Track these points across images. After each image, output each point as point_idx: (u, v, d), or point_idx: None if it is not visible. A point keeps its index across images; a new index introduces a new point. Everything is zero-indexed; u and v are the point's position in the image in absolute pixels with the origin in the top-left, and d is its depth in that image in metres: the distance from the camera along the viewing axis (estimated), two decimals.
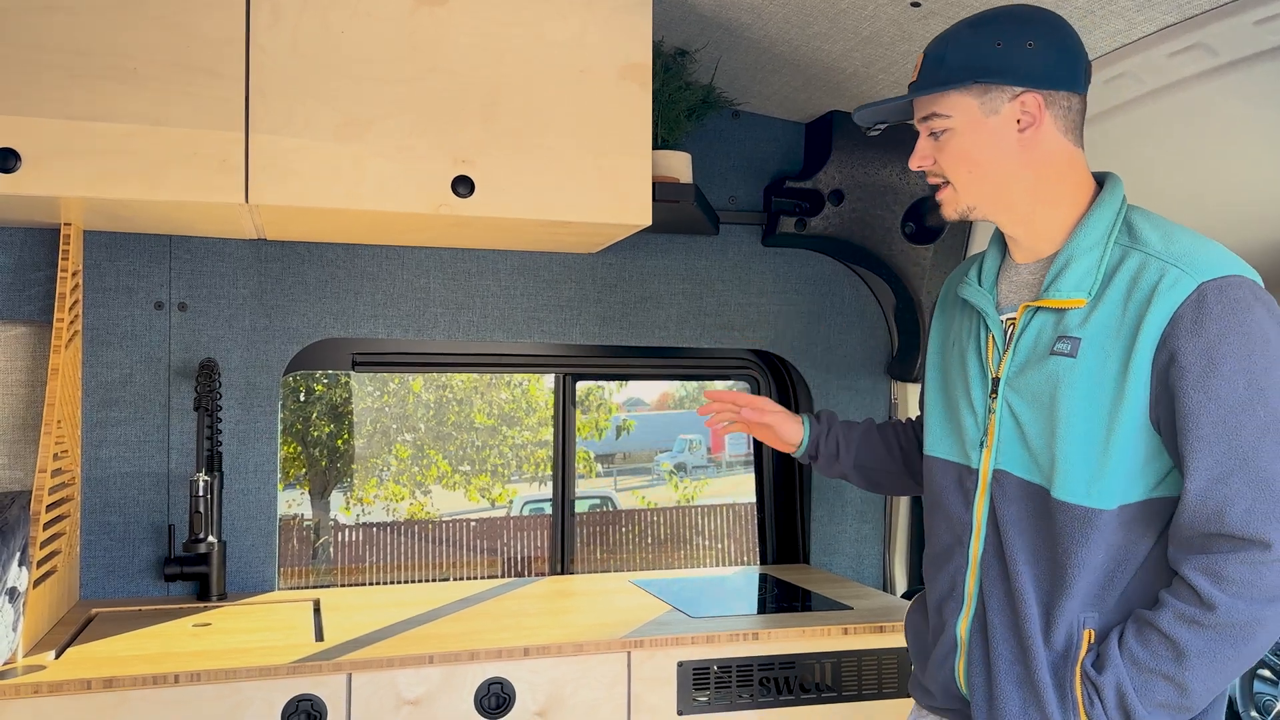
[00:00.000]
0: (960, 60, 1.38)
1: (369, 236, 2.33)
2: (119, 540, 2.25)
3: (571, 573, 2.70)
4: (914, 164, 1.47)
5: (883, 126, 1.56)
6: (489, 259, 2.51)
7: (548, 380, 2.73)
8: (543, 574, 2.72)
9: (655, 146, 2.28)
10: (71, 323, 2.06)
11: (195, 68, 1.87)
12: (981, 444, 1.45)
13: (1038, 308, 1.40)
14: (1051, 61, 1.37)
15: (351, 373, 2.60)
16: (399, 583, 2.62)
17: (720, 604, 2.24)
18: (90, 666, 1.71)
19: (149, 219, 2.09)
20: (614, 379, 2.86)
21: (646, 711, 1.93)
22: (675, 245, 2.65)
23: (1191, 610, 1.25)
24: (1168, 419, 1.29)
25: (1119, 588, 1.34)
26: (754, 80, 2.50)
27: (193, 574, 2.21)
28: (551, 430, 2.71)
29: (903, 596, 2.67)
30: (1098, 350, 1.32)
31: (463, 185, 1.99)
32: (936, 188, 1.47)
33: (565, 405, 2.71)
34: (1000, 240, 1.52)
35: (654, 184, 2.17)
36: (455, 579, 2.72)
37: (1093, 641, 1.34)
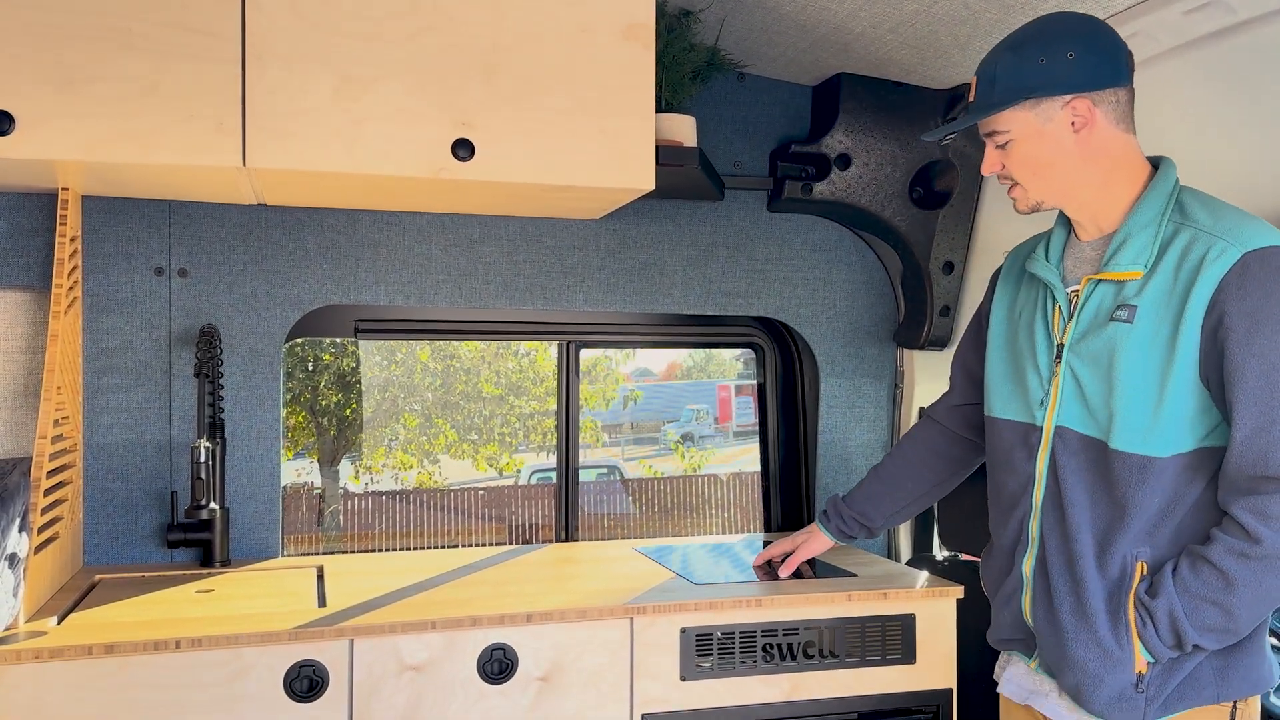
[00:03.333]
0: (1009, 82, 1.54)
1: (369, 202, 2.30)
2: (122, 507, 2.25)
3: (576, 540, 2.70)
4: (986, 171, 1.63)
5: (952, 137, 1.79)
6: (491, 225, 2.49)
7: (554, 350, 2.71)
8: (550, 541, 2.72)
9: (659, 109, 2.25)
10: (70, 289, 2.05)
11: (191, 28, 1.84)
12: (1044, 403, 1.61)
13: (1099, 280, 1.55)
14: (1092, 66, 1.51)
15: (358, 343, 2.59)
16: (409, 550, 2.62)
17: (724, 571, 2.24)
18: (92, 632, 1.71)
19: (146, 183, 2.07)
20: (617, 346, 2.83)
21: (649, 678, 1.93)
22: (679, 211, 2.62)
23: (1240, 544, 1.41)
24: (1216, 376, 1.44)
25: (1170, 526, 1.49)
26: (760, 42, 2.45)
27: (196, 540, 2.21)
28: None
29: (907, 564, 2.66)
30: (1152, 316, 1.48)
31: (463, 148, 1.96)
32: (1010, 187, 1.63)
33: (569, 373, 2.69)
34: (1065, 221, 1.67)
35: (657, 148, 2.14)
36: (464, 546, 2.72)
37: (1145, 572, 1.49)
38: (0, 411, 2.19)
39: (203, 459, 2.14)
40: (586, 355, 2.75)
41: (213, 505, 2.19)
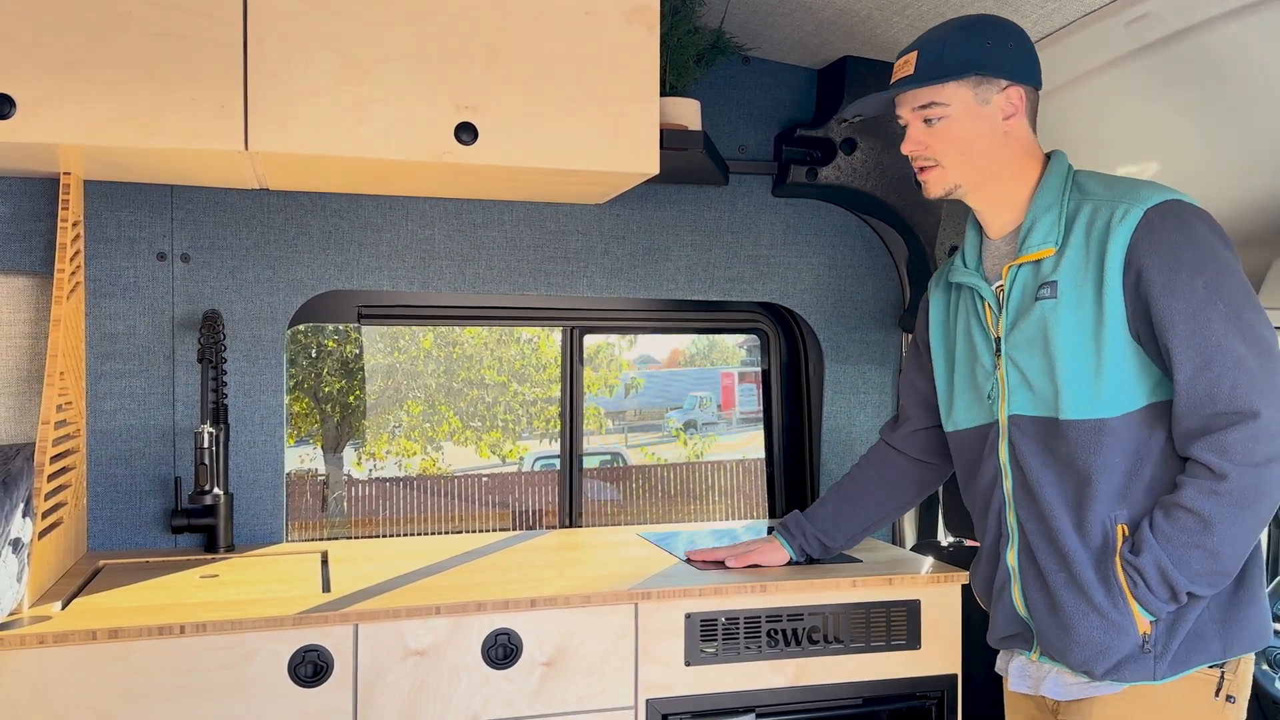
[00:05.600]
0: (959, 56, 1.60)
1: (372, 186, 2.29)
2: (126, 492, 2.25)
3: (580, 526, 2.69)
4: (907, 150, 1.67)
5: (860, 118, 1.81)
6: (494, 210, 2.48)
7: (557, 337, 2.70)
8: (554, 527, 2.72)
9: (663, 93, 2.23)
10: (73, 274, 2.04)
11: (192, 10, 1.83)
12: (994, 398, 1.66)
13: (1018, 266, 1.61)
14: (1026, 61, 1.63)
15: (361, 329, 2.58)
16: (413, 536, 2.62)
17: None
18: (96, 617, 1.71)
19: (148, 167, 2.06)
20: (621, 332, 2.83)
21: (654, 663, 1.93)
22: (684, 196, 2.60)
23: (1208, 483, 1.44)
24: (1146, 329, 1.49)
25: (1141, 484, 1.52)
26: (765, 25, 2.44)
27: (200, 526, 2.20)
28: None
29: (912, 549, 2.66)
30: (1074, 287, 1.54)
31: (466, 132, 1.95)
32: (923, 168, 1.67)
33: (573, 359, 2.69)
34: (975, 225, 1.74)
35: (661, 131, 2.13)
36: (467, 532, 2.72)
37: (1127, 534, 1.52)
38: (4, 397, 2.19)
39: (206, 444, 2.13)
40: (590, 341, 2.74)
41: (216, 491, 2.19)
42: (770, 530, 2.09)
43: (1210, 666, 1.53)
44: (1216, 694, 1.53)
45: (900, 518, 2.11)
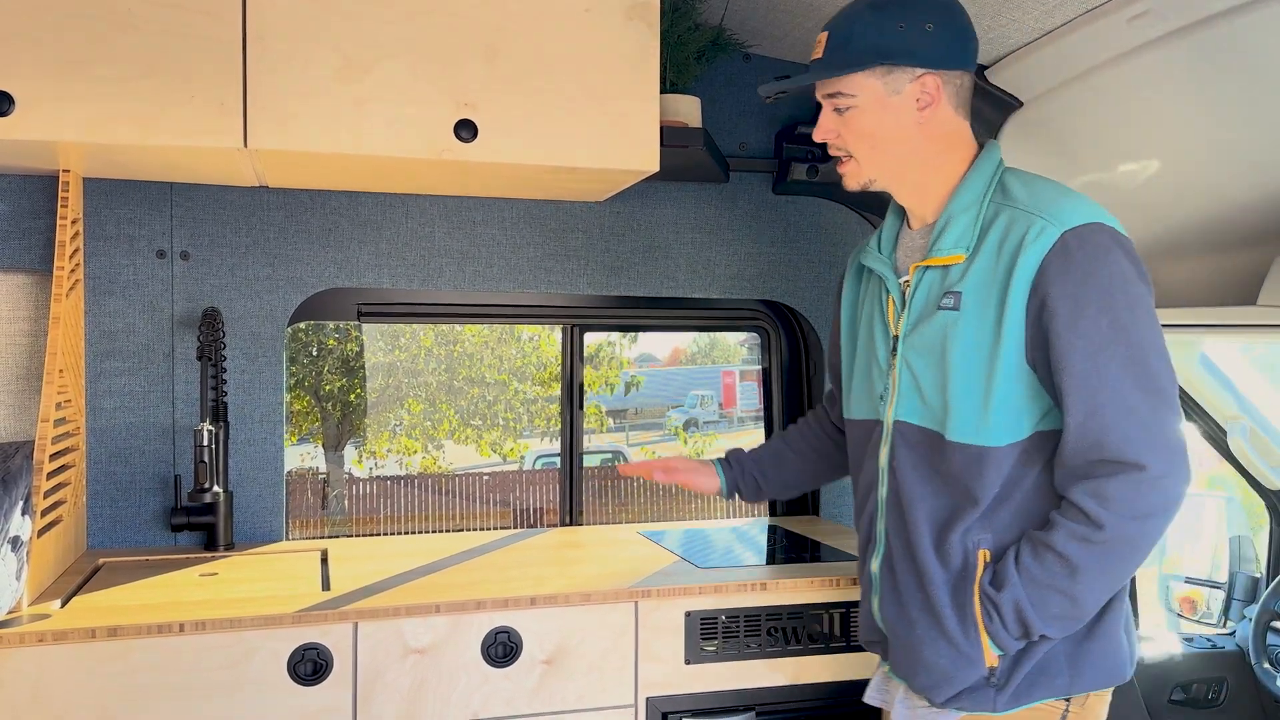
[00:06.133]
0: (865, 43, 1.47)
1: (372, 184, 2.29)
2: (125, 490, 2.24)
3: (580, 524, 2.69)
4: (818, 137, 1.56)
5: (784, 96, 1.66)
6: (494, 207, 2.47)
7: (558, 335, 2.70)
8: (554, 525, 2.72)
9: (663, 90, 2.23)
10: (72, 271, 2.04)
11: (191, 8, 1.82)
12: (884, 398, 1.57)
13: (926, 267, 1.51)
14: (947, 43, 1.48)
15: (361, 327, 2.58)
16: (413, 534, 2.61)
17: (729, 554, 2.23)
18: (96, 616, 1.70)
19: (148, 165, 2.06)
20: (621, 330, 2.83)
21: (654, 661, 1.92)
22: (684, 193, 2.60)
23: (1082, 529, 1.37)
24: (1043, 358, 1.41)
25: (1009, 511, 1.46)
26: (766, 21, 2.43)
27: (199, 524, 2.20)
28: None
29: None
30: (977, 302, 1.44)
31: (465, 129, 1.94)
32: (840, 160, 1.58)
33: (573, 357, 2.68)
34: (898, 210, 1.64)
35: (662, 129, 2.12)
36: (468, 531, 2.72)
37: (988, 561, 1.46)
38: (3, 395, 2.19)
39: (205, 442, 2.13)
40: (590, 339, 2.74)
41: (216, 489, 2.19)
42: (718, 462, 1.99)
43: (1056, 700, 1.48)
44: None
45: (824, 484, 2.01)
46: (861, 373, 1.65)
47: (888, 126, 1.50)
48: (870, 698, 1.69)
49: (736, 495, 1.96)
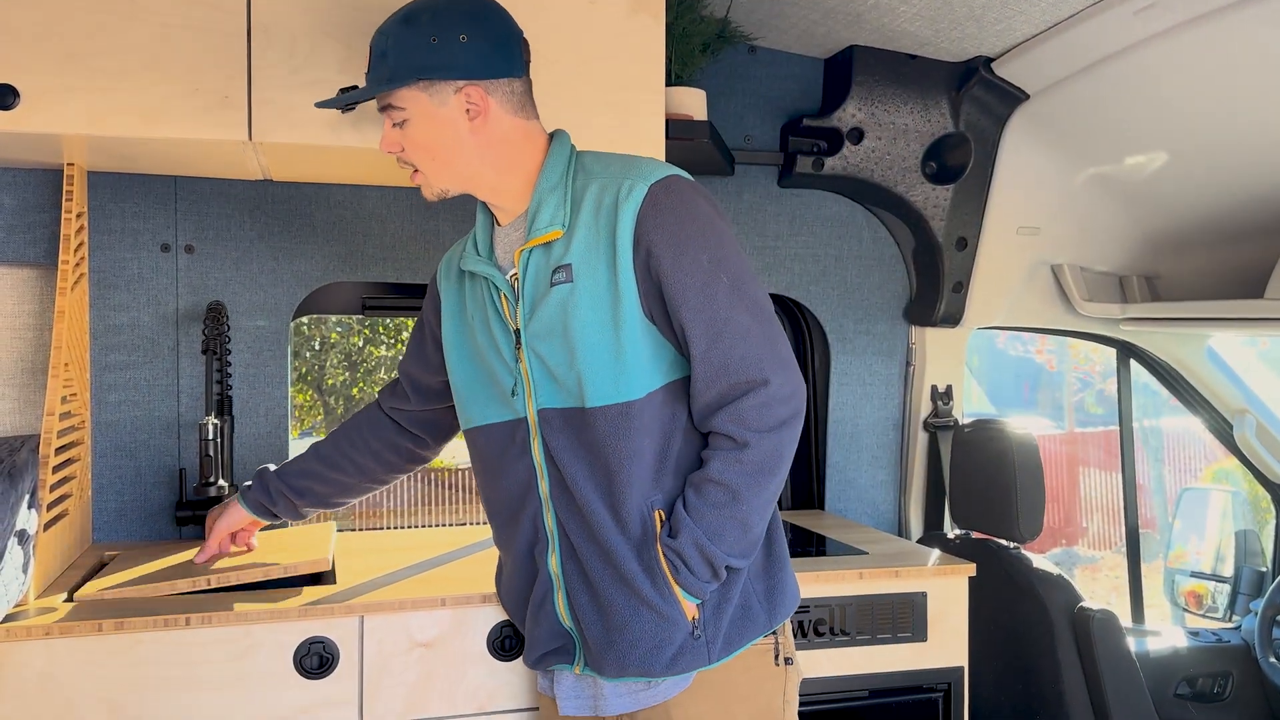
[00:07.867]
0: (399, 59, 1.47)
1: (376, 177, 2.28)
2: (131, 484, 2.25)
3: None
4: (384, 149, 1.54)
5: (350, 109, 1.71)
6: None
7: None
8: None
9: (668, 83, 2.22)
10: (77, 265, 2.04)
11: (195, 0, 1.82)
12: (518, 393, 1.56)
13: (530, 251, 1.52)
14: (486, 53, 1.48)
15: (364, 321, 2.57)
16: (419, 528, 2.62)
17: None
18: (102, 609, 1.70)
19: (152, 158, 2.06)
20: None
21: None
22: None
23: (732, 454, 1.44)
24: (659, 308, 1.47)
25: (670, 465, 1.50)
26: (771, 14, 2.42)
27: (205, 518, 2.20)
28: None
29: (918, 541, 2.65)
30: (588, 267, 1.47)
31: None
32: (413, 172, 1.57)
33: None
34: (485, 210, 1.63)
35: (667, 121, 2.12)
36: (472, 525, 2.72)
37: (664, 518, 1.49)
38: (8, 389, 2.19)
39: (210, 436, 2.13)
40: None
41: (221, 483, 2.18)
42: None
43: (762, 638, 1.54)
44: (776, 661, 1.56)
45: (381, 488, 1.92)
46: (483, 378, 1.63)
47: (444, 138, 1.50)
48: (570, 708, 1.61)
49: (280, 518, 1.90)
